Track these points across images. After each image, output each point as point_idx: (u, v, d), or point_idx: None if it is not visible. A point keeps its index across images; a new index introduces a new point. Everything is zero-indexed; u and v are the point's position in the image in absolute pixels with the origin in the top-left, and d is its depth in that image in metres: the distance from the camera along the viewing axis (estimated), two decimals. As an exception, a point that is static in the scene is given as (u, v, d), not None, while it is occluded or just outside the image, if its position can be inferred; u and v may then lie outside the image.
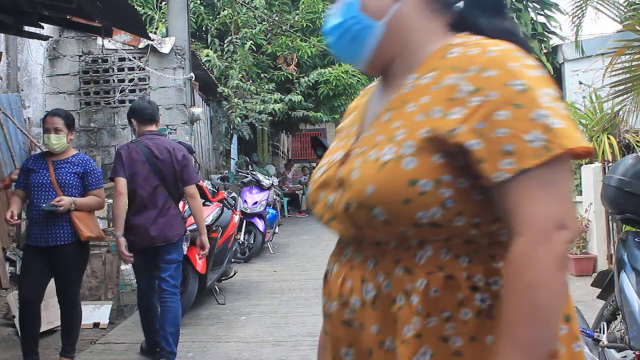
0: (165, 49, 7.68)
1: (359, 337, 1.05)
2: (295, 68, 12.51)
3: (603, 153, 6.57)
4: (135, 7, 6.50)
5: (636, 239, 2.87)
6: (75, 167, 3.77)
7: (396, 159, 0.97)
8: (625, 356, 2.75)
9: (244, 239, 8.24)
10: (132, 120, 4.13)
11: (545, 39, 9.49)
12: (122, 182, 3.86)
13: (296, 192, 15.49)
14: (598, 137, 6.74)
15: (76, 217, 3.68)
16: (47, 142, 3.75)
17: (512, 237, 0.92)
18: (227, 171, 10.63)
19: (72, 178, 3.74)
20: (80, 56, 7.85)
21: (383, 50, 1.08)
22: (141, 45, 7.66)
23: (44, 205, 3.61)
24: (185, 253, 4.60)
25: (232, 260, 6.51)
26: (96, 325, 4.86)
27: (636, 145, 6.51)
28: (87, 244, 3.84)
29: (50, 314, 4.48)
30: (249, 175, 9.28)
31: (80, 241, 3.73)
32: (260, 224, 8.43)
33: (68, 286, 3.78)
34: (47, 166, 3.74)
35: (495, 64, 0.94)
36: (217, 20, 12.16)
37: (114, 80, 7.86)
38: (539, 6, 9.61)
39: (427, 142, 0.95)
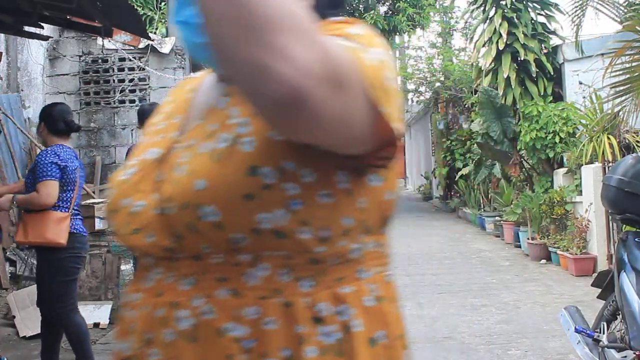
0: (165, 49, 7.68)
1: None
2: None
3: (603, 153, 6.57)
4: (136, 7, 6.49)
5: (636, 239, 2.87)
6: (32, 164, 3.45)
7: (233, 141, 0.77)
8: (625, 356, 2.74)
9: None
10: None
11: (545, 39, 9.46)
12: None
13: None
14: (598, 137, 6.74)
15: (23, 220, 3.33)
16: None
17: None
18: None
19: (27, 176, 3.46)
20: (80, 56, 7.85)
21: None
22: (141, 46, 7.66)
23: None
24: None
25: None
26: (96, 325, 4.86)
27: (636, 145, 6.51)
28: (60, 248, 3.30)
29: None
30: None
31: (48, 247, 3.28)
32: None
33: (43, 297, 3.38)
34: None
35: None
36: (217, 20, 12.16)
37: (114, 81, 7.85)
38: (539, 6, 9.59)
39: None
